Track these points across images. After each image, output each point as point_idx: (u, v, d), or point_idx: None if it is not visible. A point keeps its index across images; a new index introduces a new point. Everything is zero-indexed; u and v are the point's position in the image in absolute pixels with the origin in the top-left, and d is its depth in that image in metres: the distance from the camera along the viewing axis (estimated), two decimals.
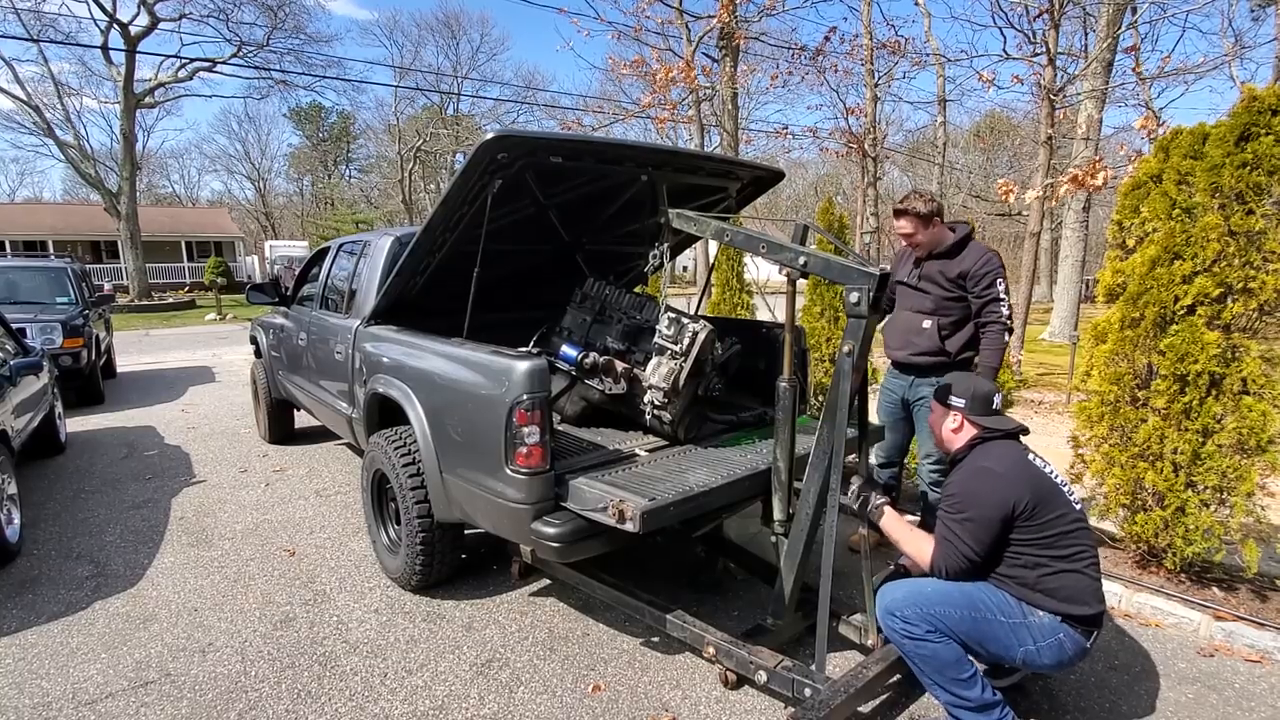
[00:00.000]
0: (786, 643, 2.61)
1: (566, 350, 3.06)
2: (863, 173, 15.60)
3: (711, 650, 2.46)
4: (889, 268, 2.99)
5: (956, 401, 2.27)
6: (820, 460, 2.26)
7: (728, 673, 2.47)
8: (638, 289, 5.62)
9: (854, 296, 2.13)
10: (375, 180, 47.79)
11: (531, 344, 3.53)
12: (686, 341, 2.92)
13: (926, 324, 3.19)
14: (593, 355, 3.05)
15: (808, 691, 2.17)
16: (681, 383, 2.92)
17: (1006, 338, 3.12)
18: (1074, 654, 2.05)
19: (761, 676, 2.31)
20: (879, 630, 2.43)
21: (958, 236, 3.16)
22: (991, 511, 2.04)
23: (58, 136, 23.05)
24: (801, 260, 2.33)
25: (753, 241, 2.60)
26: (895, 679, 2.37)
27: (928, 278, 3.20)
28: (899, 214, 3.18)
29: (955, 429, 2.29)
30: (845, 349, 2.19)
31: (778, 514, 2.52)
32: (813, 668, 2.24)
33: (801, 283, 2.74)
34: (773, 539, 2.59)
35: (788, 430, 2.44)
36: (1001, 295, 3.07)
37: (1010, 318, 3.11)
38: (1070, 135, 10.92)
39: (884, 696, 2.41)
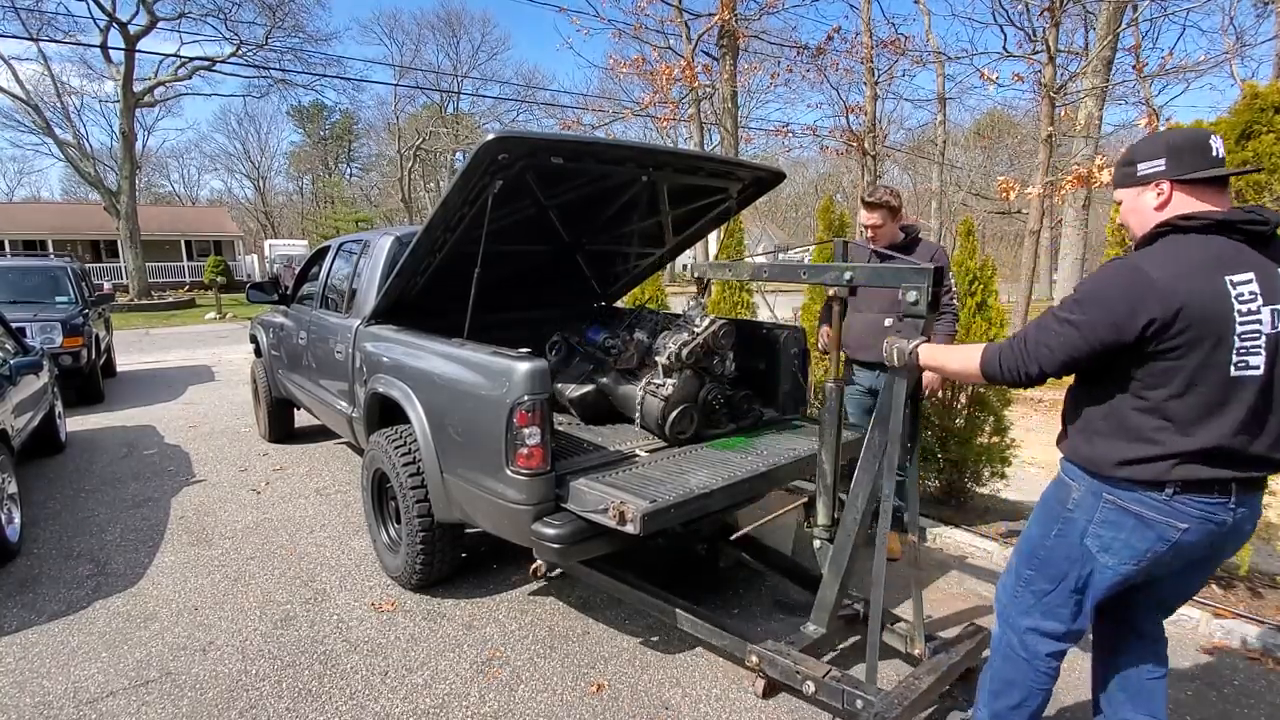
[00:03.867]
0: (807, 649, 2.50)
1: (592, 331, 3.45)
2: (863, 171, 15.59)
3: (755, 659, 2.36)
4: (944, 262, 3.13)
5: (1150, 168, 1.58)
6: (870, 464, 2.17)
7: (765, 682, 2.37)
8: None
9: (912, 296, 2.01)
10: (375, 179, 47.82)
11: (549, 345, 3.71)
12: (702, 324, 3.05)
13: (889, 322, 3.25)
14: (617, 336, 3.36)
15: (859, 703, 2.09)
16: (687, 355, 2.98)
17: (955, 326, 3.36)
18: None
19: (809, 687, 2.21)
20: (926, 639, 2.37)
21: (911, 234, 3.34)
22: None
23: (57, 135, 23.05)
24: (847, 276, 2.25)
25: (791, 270, 2.58)
26: (945, 690, 2.31)
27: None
28: (873, 207, 3.25)
29: (1160, 204, 1.58)
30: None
31: (822, 518, 2.45)
32: (862, 678, 2.16)
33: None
34: (816, 544, 2.52)
35: (834, 432, 2.38)
36: (952, 287, 3.29)
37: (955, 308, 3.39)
38: (1070, 133, 10.92)
39: (932, 708, 2.35)
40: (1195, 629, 2.88)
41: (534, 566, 3.13)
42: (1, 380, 4.09)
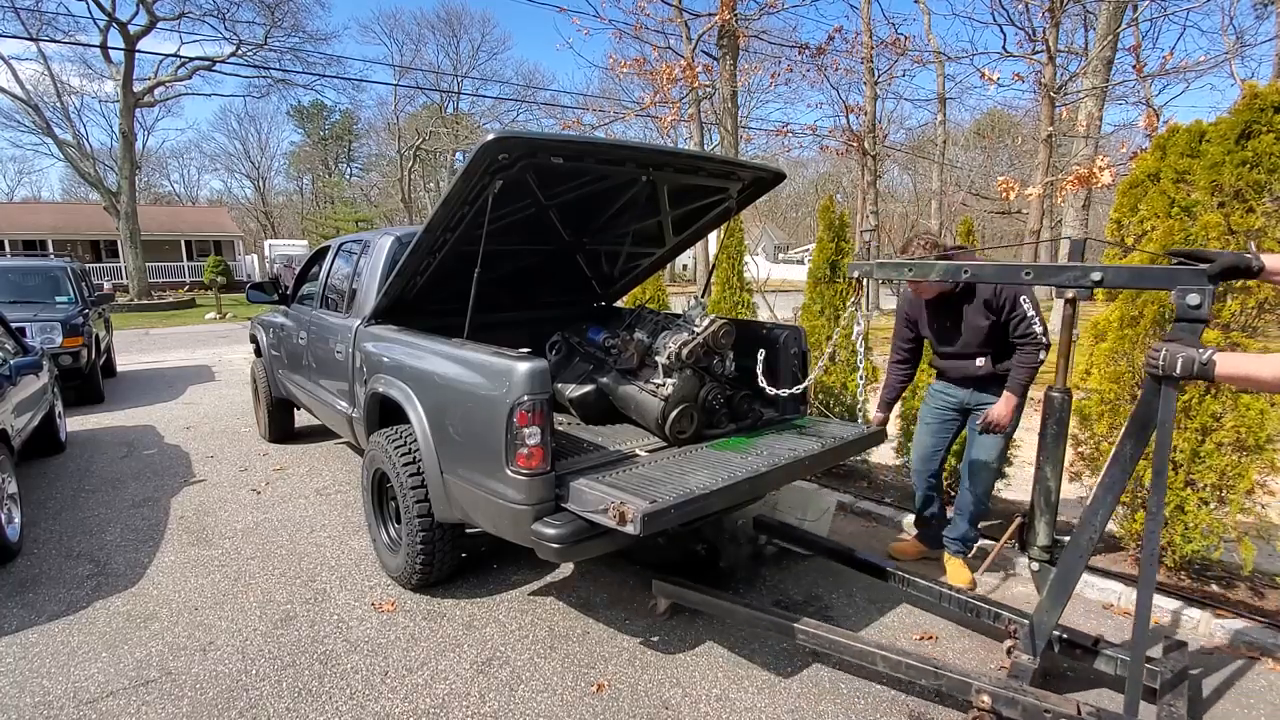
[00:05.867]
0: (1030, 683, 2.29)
1: (592, 331, 3.43)
2: (863, 171, 15.59)
3: (986, 699, 2.11)
4: (1012, 293, 2.89)
5: None
6: (1117, 479, 1.98)
7: None
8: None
9: (1193, 299, 1.79)
10: (375, 179, 47.84)
11: (550, 347, 3.72)
12: (703, 323, 3.07)
13: (980, 361, 3.10)
14: (617, 336, 3.35)
15: None
16: (687, 355, 2.99)
17: (1041, 355, 2.93)
18: None
19: None
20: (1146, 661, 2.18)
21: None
22: None
23: (57, 135, 23.04)
24: (1095, 277, 1.99)
25: (1009, 271, 2.25)
26: None
27: (959, 321, 3.08)
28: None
29: None
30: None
31: (1042, 539, 2.29)
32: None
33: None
34: (1035, 567, 2.36)
35: (1060, 446, 2.24)
36: (1029, 313, 2.93)
37: (1045, 333, 2.95)
38: (1070, 133, 10.92)
39: None
40: (1195, 628, 2.88)
41: (652, 603, 2.97)
42: (1, 380, 4.09)
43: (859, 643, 2.41)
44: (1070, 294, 2.16)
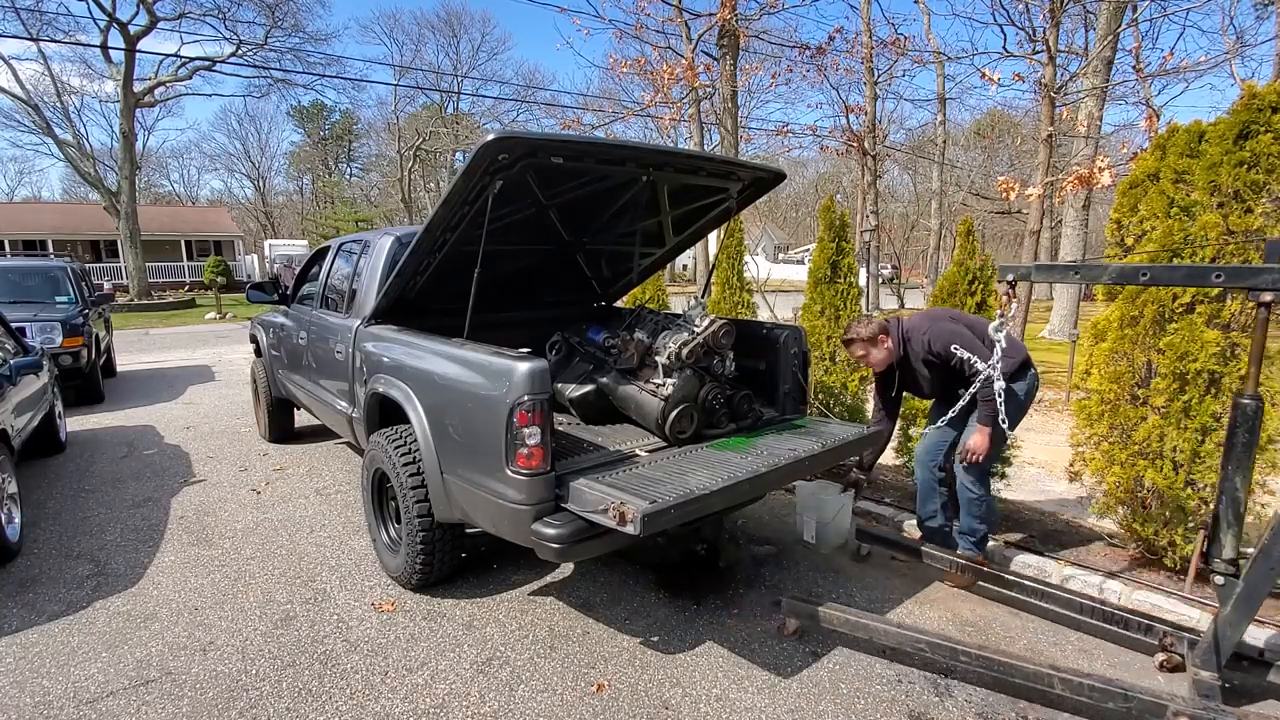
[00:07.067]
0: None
1: (592, 331, 3.45)
2: (863, 171, 15.60)
3: None
4: (944, 344, 3.04)
5: None
6: None
7: None
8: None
9: None
10: (375, 179, 47.87)
11: (550, 348, 3.72)
12: (703, 323, 3.09)
13: (961, 390, 3.10)
14: (617, 336, 3.37)
15: None
16: (687, 355, 3.01)
17: (995, 386, 2.64)
18: None
19: None
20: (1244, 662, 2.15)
21: (897, 337, 3.25)
22: None
23: (57, 135, 23.05)
24: None
25: (1197, 274, 2.16)
26: None
27: (916, 376, 3.31)
28: (848, 344, 3.34)
29: None
30: None
31: (1228, 551, 2.20)
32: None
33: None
34: (1219, 580, 2.26)
35: (1250, 455, 2.14)
36: (965, 355, 2.95)
37: (991, 363, 2.63)
38: (1071, 133, 10.92)
39: None
40: (1195, 628, 2.88)
41: (779, 624, 2.84)
42: (1, 380, 4.10)
43: (1032, 664, 2.33)
44: (1269, 296, 2.05)
